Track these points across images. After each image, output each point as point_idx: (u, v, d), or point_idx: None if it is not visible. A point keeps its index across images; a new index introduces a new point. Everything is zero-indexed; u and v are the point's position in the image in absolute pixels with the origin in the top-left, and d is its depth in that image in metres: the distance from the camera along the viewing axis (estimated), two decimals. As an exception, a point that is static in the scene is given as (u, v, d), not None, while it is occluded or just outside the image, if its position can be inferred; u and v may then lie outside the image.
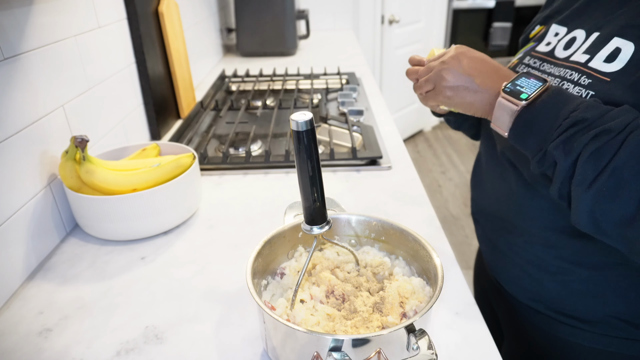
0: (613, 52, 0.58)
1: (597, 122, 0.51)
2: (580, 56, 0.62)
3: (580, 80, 0.60)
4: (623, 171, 0.48)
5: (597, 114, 0.52)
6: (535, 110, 0.56)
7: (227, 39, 2.29)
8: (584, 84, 0.59)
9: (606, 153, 0.50)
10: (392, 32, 3.19)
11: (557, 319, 0.71)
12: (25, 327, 0.64)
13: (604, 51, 0.59)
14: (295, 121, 0.49)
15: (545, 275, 0.70)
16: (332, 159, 1.07)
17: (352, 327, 0.53)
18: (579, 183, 0.52)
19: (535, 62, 0.71)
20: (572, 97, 0.55)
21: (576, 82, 0.60)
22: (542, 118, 0.55)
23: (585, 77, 0.59)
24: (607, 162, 0.49)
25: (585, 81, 0.59)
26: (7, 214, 0.70)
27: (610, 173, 0.49)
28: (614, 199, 0.49)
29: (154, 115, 1.21)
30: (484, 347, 0.60)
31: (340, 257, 0.66)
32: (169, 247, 0.81)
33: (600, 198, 0.50)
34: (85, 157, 0.78)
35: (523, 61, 0.73)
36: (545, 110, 0.55)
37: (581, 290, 0.67)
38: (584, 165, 0.51)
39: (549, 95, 0.56)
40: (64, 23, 0.85)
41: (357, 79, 1.73)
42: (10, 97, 0.71)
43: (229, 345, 0.61)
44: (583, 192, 0.51)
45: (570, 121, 0.52)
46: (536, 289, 0.73)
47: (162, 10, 1.24)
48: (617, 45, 0.58)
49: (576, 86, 0.60)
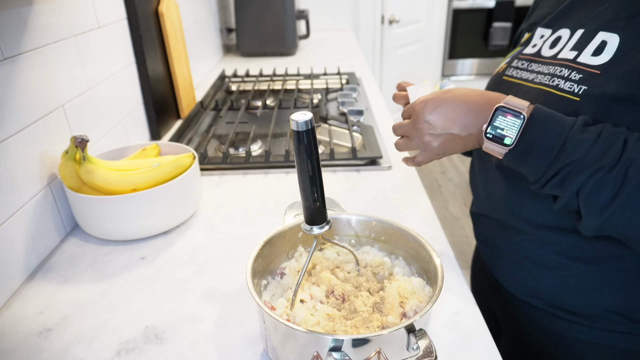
0: (599, 46, 0.59)
1: (586, 160, 0.52)
2: (568, 53, 0.63)
3: (570, 75, 0.61)
4: (630, 202, 0.51)
5: (584, 151, 0.52)
6: (524, 149, 0.56)
7: (227, 39, 2.29)
8: (575, 79, 0.60)
9: (607, 187, 0.51)
10: (392, 32, 3.19)
11: (556, 315, 0.72)
12: (25, 327, 0.64)
13: (590, 46, 0.60)
14: (295, 121, 0.49)
15: (543, 271, 0.71)
16: (332, 159, 1.07)
17: (352, 327, 0.53)
18: (585, 212, 0.54)
19: (523, 63, 0.71)
20: (554, 125, 0.55)
21: (567, 78, 0.61)
22: (531, 157, 0.56)
23: (575, 73, 0.60)
24: (612, 195, 0.51)
25: (575, 76, 0.60)
26: (7, 214, 0.70)
27: (620, 205, 0.51)
28: (626, 222, 0.52)
29: (154, 115, 1.21)
30: (483, 347, 0.60)
31: (340, 257, 0.66)
32: (169, 247, 0.81)
33: (610, 221, 0.53)
34: (85, 157, 0.78)
35: (511, 64, 0.74)
36: (534, 150, 0.56)
37: (579, 284, 0.68)
38: (587, 198, 0.53)
39: (532, 129, 0.56)
40: (64, 23, 0.85)
41: (357, 79, 1.73)
42: (10, 97, 0.71)
43: (229, 345, 0.61)
44: (591, 216, 0.53)
45: (560, 164, 0.53)
46: (534, 285, 0.73)
47: (162, 10, 1.24)
48: (602, 39, 0.59)
49: (567, 81, 0.61)
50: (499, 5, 3.54)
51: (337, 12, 2.77)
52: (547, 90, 0.63)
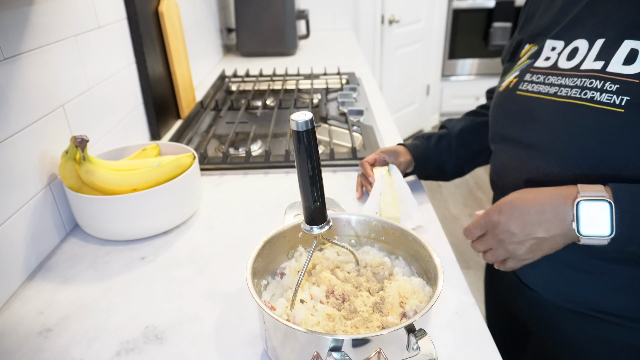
0: (630, 55, 0.58)
1: None
2: (593, 64, 0.62)
3: (605, 86, 0.59)
4: None
5: None
6: (627, 233, 0.56)
7: (227, 39, 2.29)
8: (611, 89, 0.59)
9: None
10: (392, 32, 3.19)
11: (601, 318, 0.69)
12: (25, 327, 0.64)
13: (618, 55, 0.59)
14: (295, 121, 0.49)
15: (585, 276, 0.69)
16: (332, 159, 1.07)
17: (352, 327, 0.53)
18: None
19: (538, 77, 0.70)
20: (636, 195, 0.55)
21: (601, 89, 0.60)
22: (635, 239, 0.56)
23: (609, 83, 0.59)
24: None
25: (611, 87, 0.59)
26: (7, 214, 0.70)
27: None
28: None
29: (154, 115, 1.21)
30: (484, 347, 0.60)
31: (340, 257, 0.66)
32: (169, 247, 0.81)
33: None
34: (85, 157, 0.78)
35: (524, 79, 0.72)
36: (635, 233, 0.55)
37: (623, 287, 0.66)
38: None
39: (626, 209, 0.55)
40: (64, 23, 0.85)
41: (357, 79, 1.73)
42: (11, 97, 0.71)
43: (229, 345, 0.61)
44: None
45: None
46: (575, 291, 0.71)
47: (162, 10, 1.24)
48: (631, 47, 0.58)
49: (603, 93, 0.59)
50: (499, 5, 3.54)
51: (337, 12, 2.77)
52: (580, 103, 0.62)
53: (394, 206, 0.83)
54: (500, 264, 0.68)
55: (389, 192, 0.85)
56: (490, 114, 0.82)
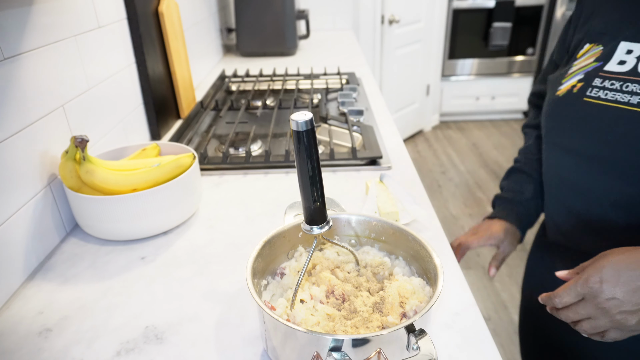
0: None
1: None
2: None
3: None
4: None
5: None
6: None
7: (227, 39, 2.29)
8: None
9: None
10: (392, 32, 3.19)
11: None
12: (25, 327, 0.64)
13: None
14: (295, 121, 0.49)
15: None
16: (332, 159, 1.07)
17: (352, 327, 0.53)
18: None
19: (612, 83, 0.63)
20: None
21: None
22: None
23: None
24: None
25: None
26: (7, 214, 0.70)
27: None
28: None
29: (154, 115, 1.21)
30: (484, 347, 0.60)
31: (340, 257, 0.66)
32: (169, 247, 0.81)
33: None
34: (85, 157, 0.78)
35: (592, 83, 0.65)
36: None
37: None
38: None
39: None
40: (64, 23, 0.85)
41: (357, 79, 1.73)
42: (10, 97, 0.71)
43: (229, 345, 0.61)
44: None
45: None
46: None
47: (162, 10, 1.24)
48: None
49: None
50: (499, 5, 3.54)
51: (337, 12, 2.77)
52: None
53: (391, 204, 0.84)
54: (599, 334, 0.61)
55: (385, 194, 0.87)
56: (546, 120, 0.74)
